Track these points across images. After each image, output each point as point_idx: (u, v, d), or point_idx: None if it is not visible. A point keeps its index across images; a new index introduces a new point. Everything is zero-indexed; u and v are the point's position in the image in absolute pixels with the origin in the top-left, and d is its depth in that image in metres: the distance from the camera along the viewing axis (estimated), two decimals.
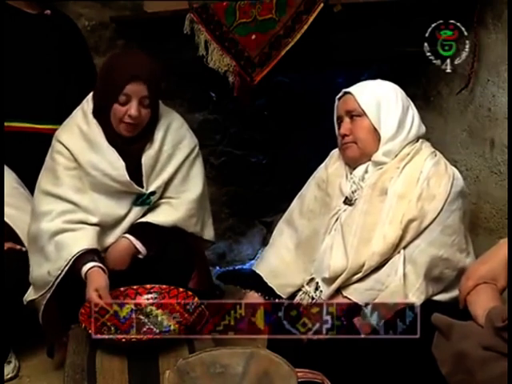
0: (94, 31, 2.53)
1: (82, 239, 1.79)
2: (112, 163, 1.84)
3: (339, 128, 1.74)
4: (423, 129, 1.73)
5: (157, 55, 2.33)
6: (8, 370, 1.96)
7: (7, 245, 1.92)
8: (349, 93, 1.72)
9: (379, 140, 1.68)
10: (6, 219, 1.93)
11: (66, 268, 1.75)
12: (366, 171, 1.69)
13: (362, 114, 1.68)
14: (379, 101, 1.69)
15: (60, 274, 1.75)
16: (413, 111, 1.72)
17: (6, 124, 2.18)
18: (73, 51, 2.33)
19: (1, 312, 1.82)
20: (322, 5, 2.03)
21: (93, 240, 1.80)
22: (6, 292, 1.82)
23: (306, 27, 2.05)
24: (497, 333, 1.16)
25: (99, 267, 1.75)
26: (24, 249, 1.93)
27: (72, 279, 1.76)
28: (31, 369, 2.03)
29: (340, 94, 1.76)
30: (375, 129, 1.68)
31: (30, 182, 2.10)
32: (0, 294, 1.80)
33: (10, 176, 2.06)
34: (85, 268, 1.74)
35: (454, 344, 1.22)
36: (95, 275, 1.73)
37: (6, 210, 1.94)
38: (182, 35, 2.24)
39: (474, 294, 1.34)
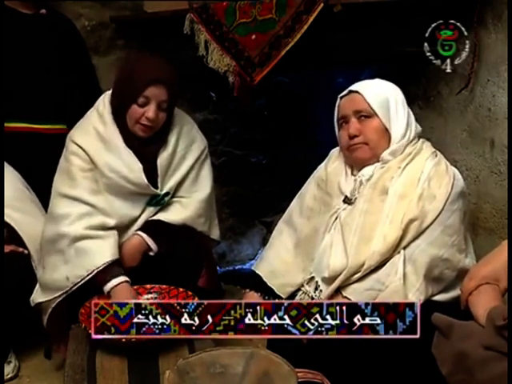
0: (93, 31, 2.53)
1: (106, 249, 1.78)
2: (129, 165, 1.84)
3: (341, 128, 1.71)
4: (419, 128, 1.73)
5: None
6: (8, 370, 1.96)
7: (10, 247, 1.92)
8: (356, 92, 1.68)
9: (389, 140, 1.66)
10: (10, 222, 1.94)
11: (87, 278, 1.75)
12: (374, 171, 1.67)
13: (373, 114, 1.65)
14: (388, 100, 1.66)
15: (79, 283, 1.75)
16: (409, 110, 1.72)
17: (5, 124, 2.18)
18: (71, 50, 2.33)
19: (1, 312, 1.82)
20: (322, 5, 2.03)
21: (115, 249, 1.80)
22: (6, 293, 1.82)
23: (305, 27, 2.05)
24: (498, 331, 1.16)
25: (127, 282, 1.77)
26: (26, 251, 1.93)
27: (85, 285, 1.77)
28: (31, 369, 2.03)
29: (344, 93, 1.71)
30: (385, 129, 1.65)
31: (29, 182, 2.10)
32: (0, 295, 1.80)
33: (15, 178, 2.06)
34: (113, 282, 1.75)
35: (455, 344, 1.22)
36: (123, 291, 1.75)
37: (11, 212, 1.94)
38: (182, 35, 2.24)
39: (475, 295, 1.34)
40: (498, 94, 2.04)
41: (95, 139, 1.86)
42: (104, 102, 1.90)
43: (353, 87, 1.70)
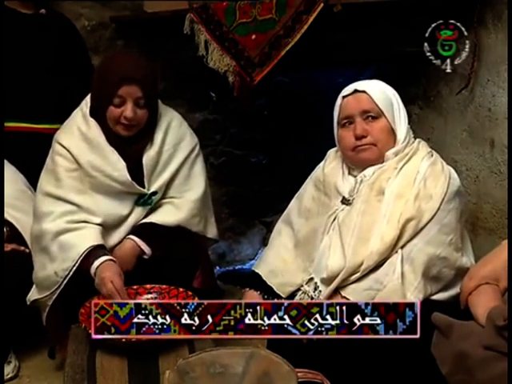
0: (93, 31, 2.53)
1: (88, 237, 1.79)
2: (113, 164, 1.84)
3: (344, 128, 1.68)
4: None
5: (157, 55, 2.33)
6: (8, 370, 1.96)
7: (11, 246, 1.93)
8: (362, 91, 1.65)
9: (394, 140, 1.66)
10: (12, 221, 1.95)
11: (74, 268, 1.75)
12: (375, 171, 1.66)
13: (380, 114, 1.63)
14: (391, 100, 1.66)
15: (68, 275, 1.75)
16: None
17: (5, 124, 2.19)
18: (70, 50, 2.33)
19: (1, 312, 1.82)
20: (322, 5, 2.03)
21: (98, 237, 1.80)
22: (7, 292, 1.82)
23: (305, 27, 2.05)
24: (498, 332, 1.16)
25: (112, 260, 1.76)
26: (27, 250, 1.93)
27: (77, 279, 1.77)
28: (31, 369, 2.04)
29: (348, 92, 1.68)
30: (391, 129, 1.65)
31: (29, 182, 2.10)
32: (0, 294, 1.80)
33: (18, 179, 2.07)
34: (97, 262, 1.74)
35: (454, 344, 1.22)
36: (109, 267, 1.74)
37: (14, 212, 1.96)
38: (182, 35, 2.24)
39: (475, 295, 1.34)
40: (498, 94, 2.05)
41: (79, 139, 1.86)
42: (87, 102, 1.90)
43: (358, 86, 1.67)
